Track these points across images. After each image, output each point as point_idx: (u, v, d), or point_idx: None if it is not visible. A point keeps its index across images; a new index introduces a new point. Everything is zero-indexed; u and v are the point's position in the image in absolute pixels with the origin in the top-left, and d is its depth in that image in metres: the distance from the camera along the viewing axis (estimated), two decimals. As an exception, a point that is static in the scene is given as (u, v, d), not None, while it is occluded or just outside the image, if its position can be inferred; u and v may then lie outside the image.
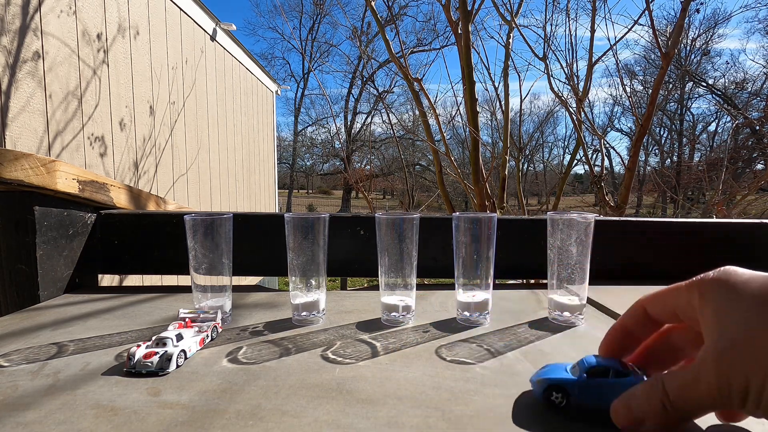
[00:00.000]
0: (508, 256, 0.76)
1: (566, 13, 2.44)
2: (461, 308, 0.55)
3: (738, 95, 10.05)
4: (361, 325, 0.54)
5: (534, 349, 0.46)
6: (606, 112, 13.39)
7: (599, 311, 0.60)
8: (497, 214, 0.57)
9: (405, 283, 0.55)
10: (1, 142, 1.77)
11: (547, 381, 0.33)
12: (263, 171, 5.35)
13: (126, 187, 0.82)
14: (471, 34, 2.03)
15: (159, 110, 2.88)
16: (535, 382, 0.34)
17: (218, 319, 0.51)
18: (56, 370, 0.41)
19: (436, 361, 0.43)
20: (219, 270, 0.55)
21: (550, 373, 0.34)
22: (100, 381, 0.39)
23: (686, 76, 9.64)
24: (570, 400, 0.32)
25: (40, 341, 0.48)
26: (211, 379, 0.39)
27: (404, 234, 0.53)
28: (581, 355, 0.44)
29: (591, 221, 0.52)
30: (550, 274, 0.55)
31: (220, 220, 0.54)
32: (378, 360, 0.44)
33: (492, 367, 0.42)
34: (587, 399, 0.32)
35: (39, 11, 1.95)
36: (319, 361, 0.43)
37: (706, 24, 10.21)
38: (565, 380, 0.32)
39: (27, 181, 0.61)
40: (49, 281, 0.66)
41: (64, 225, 0.69)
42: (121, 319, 0.56)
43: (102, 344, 0.48)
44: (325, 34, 22.42)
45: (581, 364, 0.33)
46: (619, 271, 0.80)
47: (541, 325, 0.54)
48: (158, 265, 0.80)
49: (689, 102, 13.02)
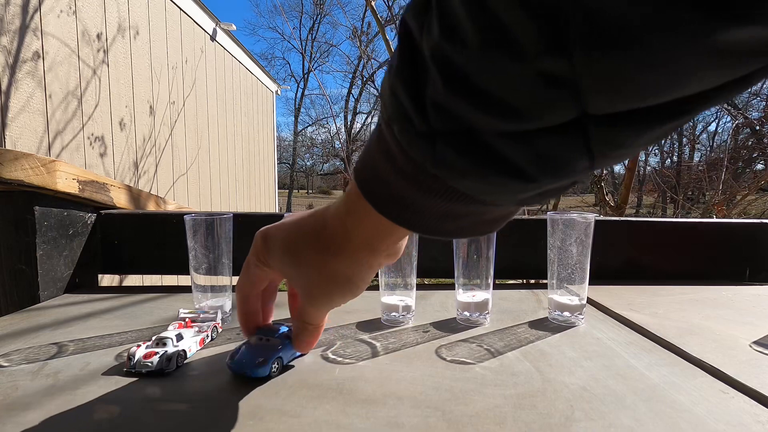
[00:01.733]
0: (508, 256, 0.76)
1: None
2: (461, 308, 0.55)
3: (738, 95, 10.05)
4: (361, 325, 0.54)
5: (534, 349, 0.46)
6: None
7: (599, 311, 0.60)
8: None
9: (405, 283, 0.55)
10: (1, 142, 1.77)
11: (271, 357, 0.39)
12: (263, 171, 5.35)
13: (126, 187, 0.82)
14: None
15: (159, 110, 2.88)
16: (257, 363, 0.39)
17: (218, 319, 0.51)
18: (56, 370, 0.41)
19: (436, 361, 0.43)
20: (219, 270, 0.55)
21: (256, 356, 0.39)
22: (100, 381, 0.39)
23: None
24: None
25: (40, 341, 0.48)
26: (211, 379, 0.39)
27: (404, 234, 0.53)
28: (581, 354, 0.44)
29: (591, 221, 0.52)
30: (550, 274, 0.55)
31: (220, 220, 0.54)
32: (378, 360, 0.44)
33: (492, 367, 0.42)
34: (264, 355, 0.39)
35: (39, 11, 1.95)
36: (319, 361, 0.43)
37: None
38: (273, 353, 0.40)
39: (27, 181, 0.61)
40: (49, 281, 0.66)
41: (64, 225, 0.69)
42: (121, 319, 0.56)
43: (102, 344, 0.48)
44: (325, 34, 22.47)
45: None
46: (619, 271, 0.80)
47: (541, 325, 0.54)
48: (158, 265, 0.80)
49: (689, 102, 13.04)
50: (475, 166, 0.20)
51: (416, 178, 0.22)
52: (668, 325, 0.53)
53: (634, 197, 9.13)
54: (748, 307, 0.62)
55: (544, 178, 0.20)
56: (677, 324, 0.53)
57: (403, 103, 0.20)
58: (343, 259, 0.29)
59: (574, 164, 0.19)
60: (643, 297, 0.66)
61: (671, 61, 0.15)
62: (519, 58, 0.16)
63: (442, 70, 0.18)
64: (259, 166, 5.19)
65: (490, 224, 0.26)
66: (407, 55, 0.19)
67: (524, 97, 0.17)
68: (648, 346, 0.47)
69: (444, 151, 0.20)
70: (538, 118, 0.17)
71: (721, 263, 0.81)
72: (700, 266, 0.81)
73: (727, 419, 0.33)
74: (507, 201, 0.23)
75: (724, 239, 0.82)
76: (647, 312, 0.58)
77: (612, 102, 0.16)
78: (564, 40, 0.15)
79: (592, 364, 0.43)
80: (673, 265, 0.81)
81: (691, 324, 0.54)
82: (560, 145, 0.18)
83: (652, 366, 0.42)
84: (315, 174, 23.74)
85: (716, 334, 0.50)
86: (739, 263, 0.82)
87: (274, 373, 0.40)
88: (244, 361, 0.39)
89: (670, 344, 0.47)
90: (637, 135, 0.18)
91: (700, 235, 0.82)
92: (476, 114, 0.18)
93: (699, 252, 0.82)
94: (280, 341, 0.40)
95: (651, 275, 0.80)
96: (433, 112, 0.19)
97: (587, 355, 0.45)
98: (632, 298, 0.65)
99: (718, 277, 0.80)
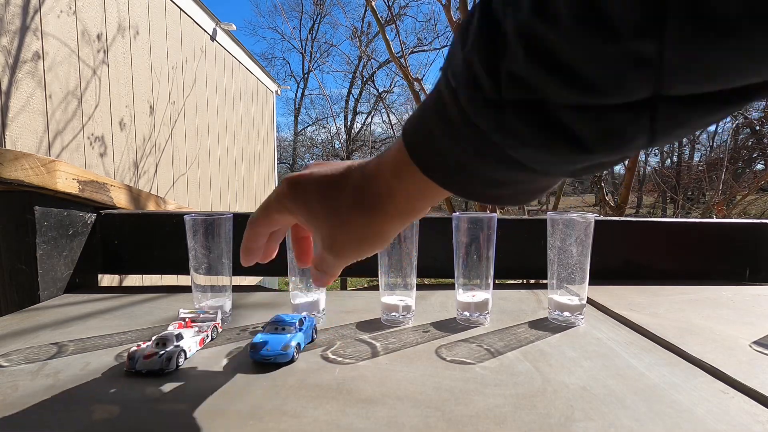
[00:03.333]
0: (508, 256, 0.76)
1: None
2: (461, 308, 0.55)
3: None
4: (362, 325, 0.54)
5: (534, 349, 0.46)
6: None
7: (599, 311, 0.60)
8: (497, 214, 0.57)
9: (405, 283, 0.55)
10: (1, 142, 1.77)
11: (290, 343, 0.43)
12: (263, 171, 5.35)
13: (126, 187, 0.82)
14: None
15: (159, 110, 2.88)
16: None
17: (218, 319, 0.51)
18: (56, 370, 0.41)
19: (436, 361, 0.43)
20: (219, 270, 0.55)
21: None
22: (100, 381, 0.39)
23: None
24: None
25: (40, 341, 0.48)
26: (211, 379, 0.39)
27: (404, 234, 0.53)
28: (581, 354, 0.44)
29: (591, 221, 0.52)
30: (550, 274, 0.55)
31: (220, 220, 0.54)
32: (378, 360, 0.44)
33: (492, 367, 0.42)
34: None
35: (39, 11, 1.95)
36: (319, 361, 0.43)
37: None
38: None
39: (27, 181, 0.61)
40: (49, 281, 0.66)
41: (64, 225, 0.69)
42: (121, 319, 0.57)
43: (102, 344, 0.48)
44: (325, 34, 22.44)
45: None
46: (618, 271, 0.80)
47: (540, 325, 0.54)
48: (158, 265, 0.80)
49: (689, 102, 13.02)
50: (539, 135, 0.21)
51: (474, 144, 0.23)
52: (668, 325, 0.53)
53: (634, 197, 9.12)
54: (748, 307, 0.62)
55: (602, 151, 0.21)
56: (677, 324, 0.53)
57: (477, 72, 0.21)
58: (382, 216, 0.30)
59: (634, 140, 0.20)
60: (643, 297, 0.66)
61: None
62: (612, 38, 0.16)
63: (527, 44, 0.19)
64: (259, 166, 5.19)
65: (531, 194, 0.27)
66: (485, 30, 0.21)
67: (609, 76, 0.18)
68: (648, 346, 0.47)
69: (511, 120, 0.21)
70: (616, 95, 0.18)
71: (721, 263, 0.81)
72: (700, 266, 0.81)
73: (727, 419, 0.33)
74: (559, 171, 0.24)
75: (724, 239, 0.82)
76: (647, 312, 0.58)
77: (693, 85, 0.17)
78: (660, 23, 0.15)
79: (592, 364, 0.43)
80: (673, 265, 0.81)
81: (691, 324, 0.54)
82: (627, 122, 0.19)
83: (652, 366, 0.42)
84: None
85: (716, 334, 0.50)
86: (739, 263, 0.82)
87: (296, 358, 0.44)
88: (270, 349, 0.42)
89: (669, 344, 0.47)
90: (701, 117, 0.19)
91: (700, 235, 0.82)
92: (553, 86, 0.19)
93: (699, 252, 0.82)
94: (294, 328, 0.45)
95: (651, 275, 0.80)
96: (507, 82, 0.20)
97: (587, 355, 0.45)
98: (632, 298, 0.65)
99: (718, 277, 0.80)
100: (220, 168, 3.90)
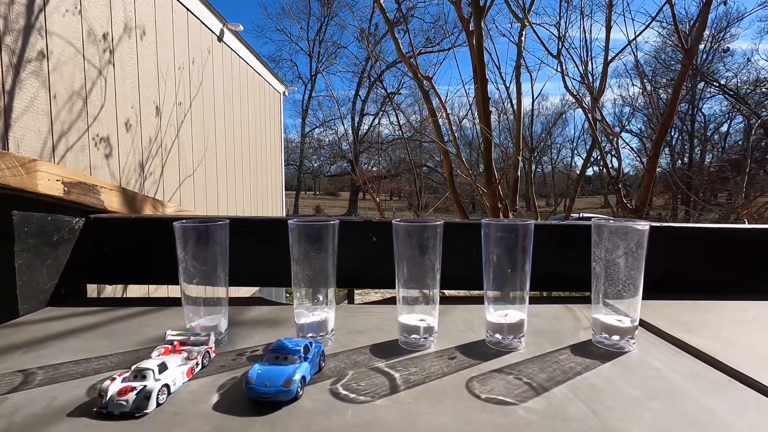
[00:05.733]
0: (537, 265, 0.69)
1: (580, 11, 2.35)
2: (491, 329, 0.48)
3: (751, 95, 9.79)
4: (376, 348, 0.47)
5: (584, 383, 0.39)
6: (615, 114, 13.20)
7: (649, 332, 0.52)
8: (533, 220, 0.50)
9: (426, 299, 0.47)
10: (4, 144, 1.73)
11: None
12: (271, 172, 5.31)
13: (119, 189, 0.76)
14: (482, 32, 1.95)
15: (165, 111, 2.84)
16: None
17: (211, 343, 0.44)
18: (15, 408, 0.34)
19: (469, 400, 0.36)
20: (214, 283, 0.48)
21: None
22: (63, 425, 0.32)
23: (699, 75, 9.43)
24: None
25: (5, 367, 0.42)
26: (197, 423, 0.32)
27: (426, 243, 0.46)
28: (644, 393, 0.36)
29: (646, 229, 0.45)
30: (595, 290, 0.48)
31: (215, 227, 0.47)
32: (398, 397, 0.36)
33: (538, 409, 0.34)
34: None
35: (44, 10, 1.91)
36: (327, 399, 0.36)
37: (717, 24, 9.98)
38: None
39: (3, 182, 0.54)
40: (29, 293, 0.60)
41: (47, 231, 0.63)
42: (104, 338, 0.50)
43: (76, 372, 0.41)
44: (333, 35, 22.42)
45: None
46: (658, 282, 0.72)
47: (585, 350, 0.46)
48: (153, 274, 0.73)
49: (701, 102, 12.74)
50: None
51: None
52: (737, 351, 0.45)
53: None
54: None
55: None
56: (748, 350, 0.45)
57: None
58: None
59: None
60: (694, 315, 0.58)
61: None
62: None
63: None
64: (267, 168, 5.14)
65: None
66: None
67: None
68: (721, 381, 0.39)
69: None
70: None
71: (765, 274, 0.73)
72: (745, 276, 0.73)
73: None
74: None
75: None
76: (707, 334, 0.50)
77: None
78: None
79: (660, 406, 0.35)
80: (719, 276, 0.73)
81: (767, 351, 0.46)
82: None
83: (735, 409, 0.34)
84: (322, 175, 23.72)
85: (798, 364, 0.42)
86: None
87: (300, 395, 0.35)
88: (266, 384, 0.34)
89: (746, 378, 0.39)
90: None
91: (748, 242, 0.74)
92: None
93: (745, 261, 0.73)
94: (298, 357, 0.37)
95: (691, 288, 0.72)
96: None
97: (650, 393, 0.37)
98: (682, 316, 0.57)
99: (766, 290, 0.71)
100: (227, 169, 3.85)
